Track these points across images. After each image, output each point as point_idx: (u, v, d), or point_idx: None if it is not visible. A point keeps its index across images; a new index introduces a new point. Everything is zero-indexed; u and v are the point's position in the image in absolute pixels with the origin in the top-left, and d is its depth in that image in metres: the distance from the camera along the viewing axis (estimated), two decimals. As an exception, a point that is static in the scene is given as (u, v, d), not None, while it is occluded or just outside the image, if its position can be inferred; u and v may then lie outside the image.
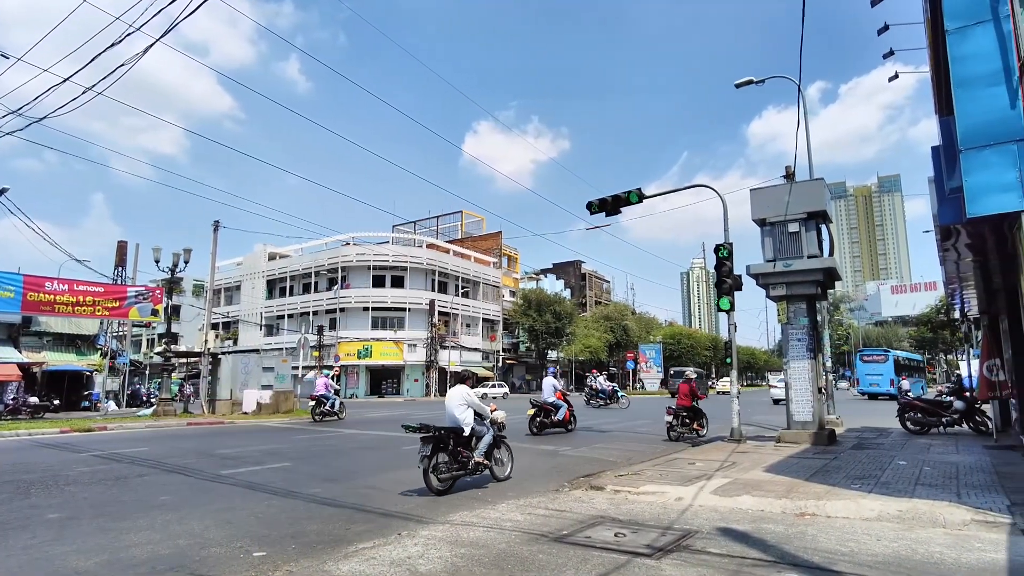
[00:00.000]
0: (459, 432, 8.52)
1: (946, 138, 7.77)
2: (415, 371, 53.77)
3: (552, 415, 17.25)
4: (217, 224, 27.69)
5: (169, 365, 26.15)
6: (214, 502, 7.56)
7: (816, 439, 12.91)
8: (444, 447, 8.32)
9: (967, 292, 15.24)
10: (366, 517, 6.73)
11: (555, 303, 63.35)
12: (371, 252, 55.28)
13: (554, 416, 17.24)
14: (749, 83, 19.30)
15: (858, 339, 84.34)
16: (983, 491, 7.63)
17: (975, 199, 6.20)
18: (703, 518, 6.50)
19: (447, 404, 8.86)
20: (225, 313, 62.15)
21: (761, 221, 13.82)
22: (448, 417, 8.69)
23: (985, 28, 6.27)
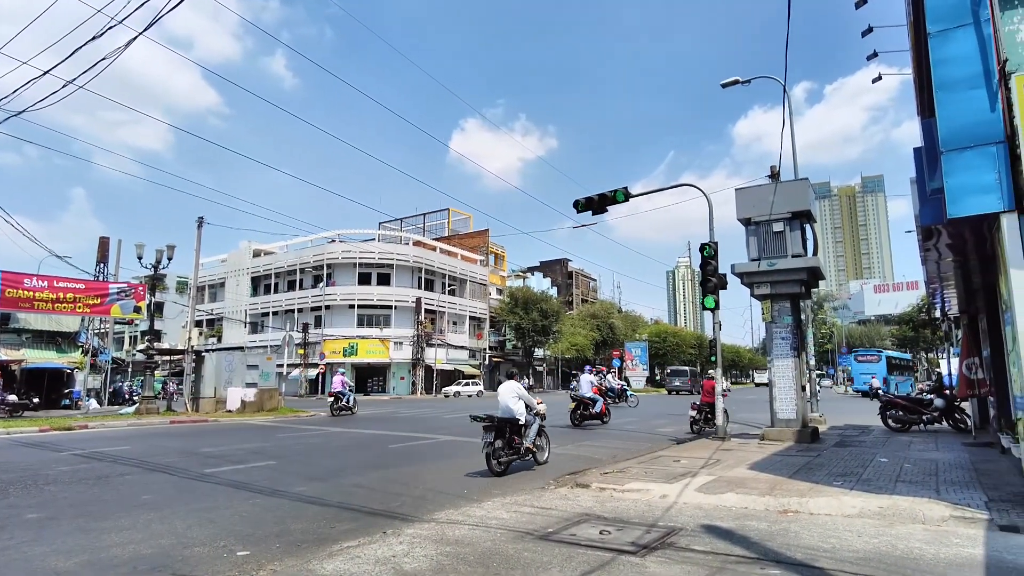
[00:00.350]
0: (514, 422, 9.90)
1: (928, 140, 7.88)
2: (401, 369, 53.61)
3: (590, 408, 18.81)
4: (201, 220, 27.40)
5: (152, 363, 25.87)
6: (197, 501, 7.50)
7: (799, 437, 13.03)
8: (501, 435, 9.62)
9: (948, 292, 15.44)
10: (351, 515, 6.71)
11: (542, 301, 63.39)
12: (357, 249, 55.00)
13: (592, 409, 18.81)
14: (735, 83, 19.42)
15: (841, 338, 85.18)
16: (961, 488, 7.75)
17: (956, 200, 6.30)
18: (688, 515, 6.54)
19: (501, 397, 10.18)
20: (209, 310, 61.60)
21: (746, 220, 13.92)
22: (502, 408, 9.98)
23: (966, 32, 6.36)
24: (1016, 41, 6.14)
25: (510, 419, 9.87)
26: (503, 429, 9.70)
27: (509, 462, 9.71)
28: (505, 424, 9.76)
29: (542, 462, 10.42)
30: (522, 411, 10.05)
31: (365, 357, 52.17)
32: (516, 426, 9.93)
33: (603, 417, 19.20)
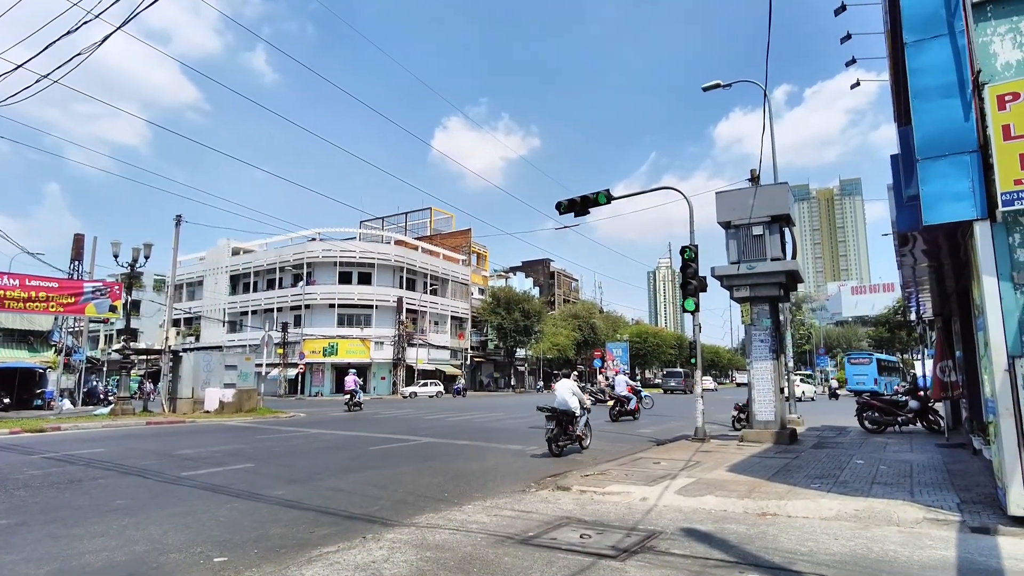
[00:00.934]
0: (570, 413, 12.21)
1: (904, 147, 8.00)
2: (382, 369, 53.31)
3: (625, 405, 21.29)
4: (179, 218, 27.04)
5: (128, 362, 25.45)
6: (173, 505, 7.38)
7: (778, 438, 13.17)
8: (559, 424, 12.05)
9: (922, 295, 15.71)
10: (331, 520, 6.65)
11: (524, 301, 63.40)
12: (337, 248, 54.55)
13: (627, 406, 21.29)
14: (716, 87, 19.58)
15: (819, 339, 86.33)
16: (935, 489, 7.88)
17: (931, 207, 6.40)
18: (667, 518, 6.58)
19: (558, 392, 12.56)
20: (187, 309, 60.75)
21: (726, 224, 14.03)
22: (559, 402, 12.30)
23: (941, 42, 6.46)
24: (989, 52, 6.25)
25: (566, 411, 12.18)
26: (561, 419, 12.08)
27: (564, 446, 12.14)
28: (563, 415, 12.12)
29: (586, 447, 12.72)
30: (576, 405, 12.32)
31: (345, 357, 51.76)
32: (571, 416, 12.25)
33: (635, 414, 21.66)
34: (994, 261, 6.07)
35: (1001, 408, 5.98)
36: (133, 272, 24.79)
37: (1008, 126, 5.92)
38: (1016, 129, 5.89)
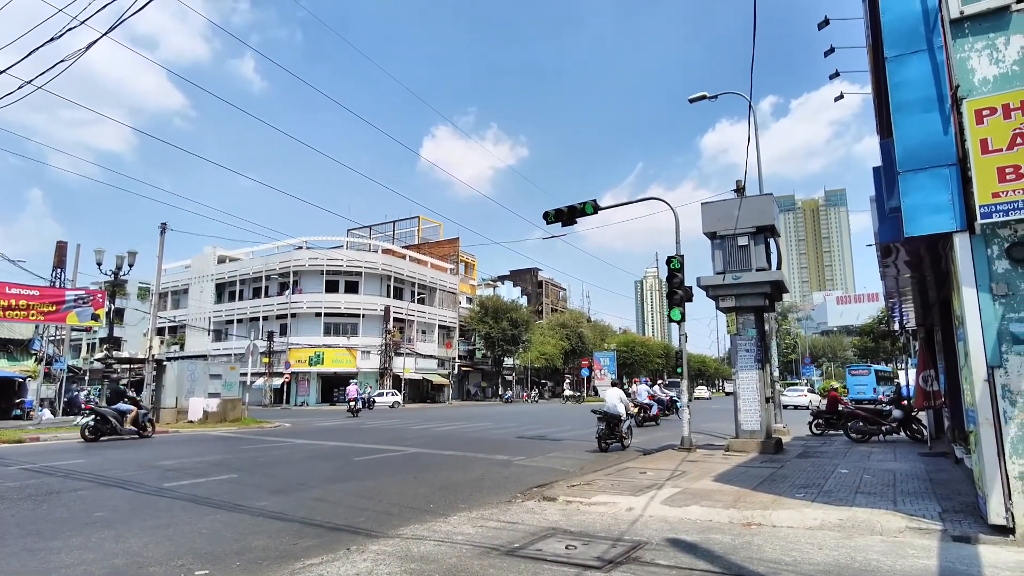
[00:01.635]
0: (617, 416, 14.77)
1: (886, 160, 8.11)
2: (368, 378, 53.00)
3: (648, 412, 23.25)
4: (164, 226, 26.83)
5: (110, 371, 25.16)
6: (154, 517, 7.28)
7: (763, 448, 13.23)
8: (608, 425, 14.68)
9: (905, 305, 15.90)
10: (315, 531, 6.59)
11: (512, 310, 63.41)
12: (324, 256, 54.35)
13: (649, 412, 23.34)
14: (702, 98, 19.76)
15: (805, 348, 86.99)
16: (917, 498, 7.95)
17: (912, 219, 6.49)
18: (653, 529, 6.58)
19: (608, 399, 15.15)
20: (172, 317, 60.16)
21: (712, 234, 14.14)
22: (609, 407, 14.82)
23: (921, 57, 6.58)
24: (967, 68, 6.37)
25: (615, 415, 14.76)
26: (610, 421, 14.70)
27: (609, 444, 14.69)
28: (612, 418, 14.71)
29: (627, 446, 14.99)
30: (622, 410, 14.91)
31: (331, 366, 51.47)
32: (618, 420, 14.78)
33: (656, 419, 24.04)
34: (973, 272, 6.16)
35: (981, 418, 6.05)
36: (117, 280, 24.55)
37: (986, 140, 6.03)
38: (993, 143, 6.00)
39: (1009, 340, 5.97)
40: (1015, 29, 6.22)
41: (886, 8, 6.93)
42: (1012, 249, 6.04)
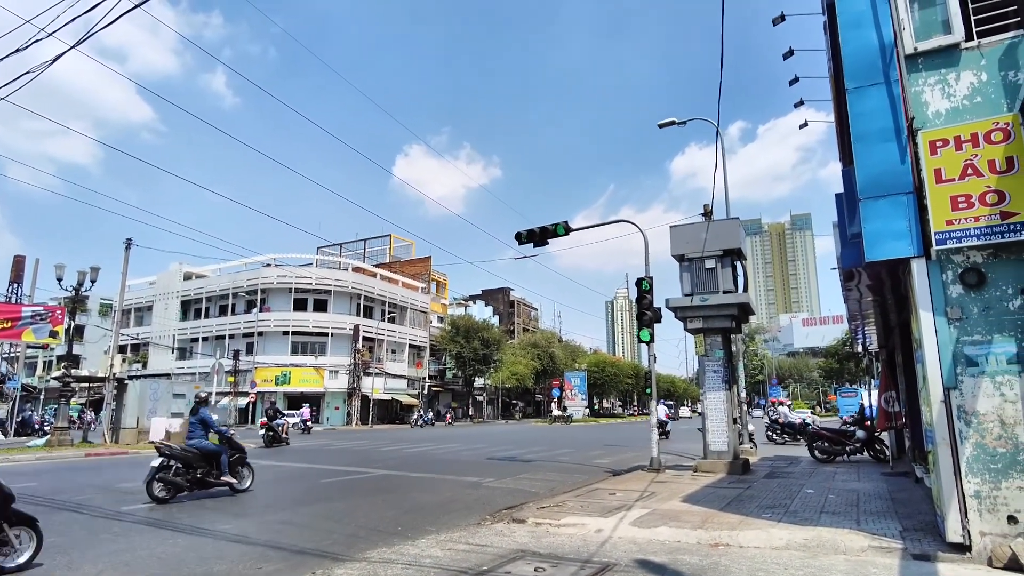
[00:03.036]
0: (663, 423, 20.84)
1: (848, 187, 8.38)
2: (336, 399, 52.24)
3: (664, 428, 25.18)
4: (129, 241, 26.29)
5: (68, 390, 24.34)
6: (111, 542, 7.05)
7: (731, 468, 13.35)
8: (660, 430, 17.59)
9: (868, 328, 16.30)
10: (280, 555, 6.45)
11: (483, 330, 63.23)
12: (293, 274, 53.65)
13: (665, 428, 25.57)
14: (672, 124, 20.18)
15: (772, 370, 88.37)
16: (879, 517, 8.09)
17: (873, 245, 6.69)
18: (622, 550, 6.58)
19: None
20: (135, 335, 58.66)
21: (680, 257, 14.36)
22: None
23: (879, 89, 6.84)
24: (921, 101, 6.64)
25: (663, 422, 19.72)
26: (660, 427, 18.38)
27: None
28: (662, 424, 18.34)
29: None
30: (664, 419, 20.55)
31: (299, 386, 50.59)
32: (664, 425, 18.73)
33: (668, 435, 26.40)
34: (930, 297, 6.37)
35: (938, 438, 6.21)
36: (78, 296, 23.88)
37: (940, 170, 6.28)
38: (947, 173, 6.25)
39: (963, 362, 6.17)
40: (965, 66, 6.52)
41: (846, 41, 7.21)
42: (965, 275, 6.27)
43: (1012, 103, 6.17)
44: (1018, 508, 5.79)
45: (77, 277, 23.32)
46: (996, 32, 6.50)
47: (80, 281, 23.35)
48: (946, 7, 6.64)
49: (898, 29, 6.82)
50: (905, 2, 6.82)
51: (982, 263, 6.23)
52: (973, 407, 6.08)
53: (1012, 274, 6.12)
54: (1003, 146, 6.07)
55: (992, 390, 6.03)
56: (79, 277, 23.35)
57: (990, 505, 5.89)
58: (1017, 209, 5.96)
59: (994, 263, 6.20)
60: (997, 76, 6.38)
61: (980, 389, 6.08)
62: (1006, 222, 6.00)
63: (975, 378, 6.11)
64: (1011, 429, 5.92)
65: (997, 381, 6.03)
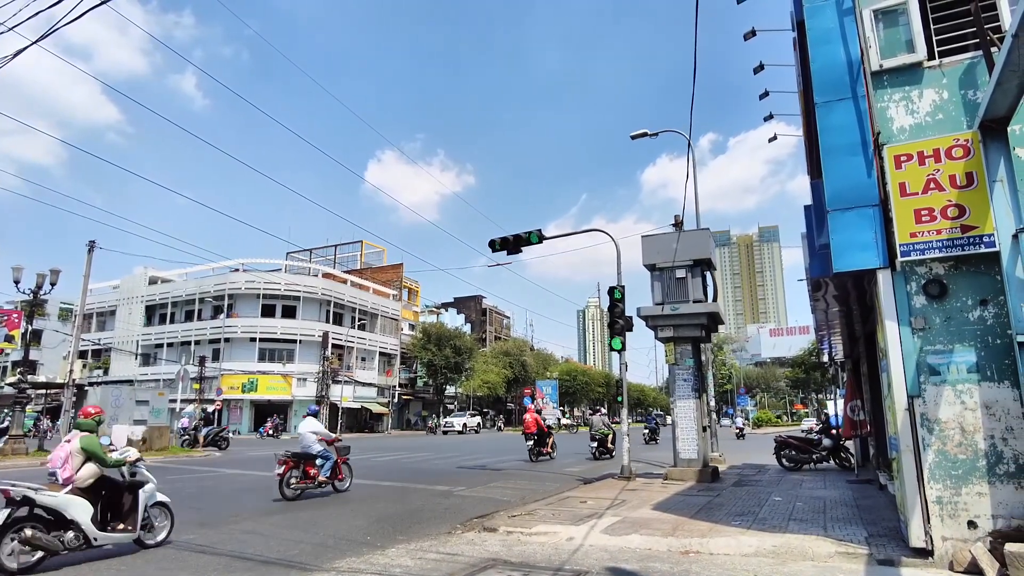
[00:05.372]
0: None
1: (816, 199, 8.55)
2: (304, 407, 51.15)
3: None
4: (92, 244, 25.63)
5: (23, 397, 23.54)
6: (70, 555, 6.80)
7: (701, 476, 13.47)
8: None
9: (834, 338, 16.61)
10: (245, 565, 6.30)
11: (455, 337, 62.94)
12: (261, 280, 52.72)
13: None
14: (644, 135, 20.41)
15: (740, 379, 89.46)
16: (845, 524, 8.23)
17: (840, 256, 6.84)
18: (593, 558, 6.58)
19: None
20: (96, 340, 57.05)
21: (651, 266, 14.50)
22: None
23: (846, 105, 7.03)
24: (887, 116, 6.83)
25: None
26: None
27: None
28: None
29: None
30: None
31: (266, 394, 49.69)
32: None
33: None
34: (895, 307, 6.52)
35: (903, 445, 6.35)
36: (36, 299, 23.16)
37: (904, 184, 6.46)
38: (911, 187, 6.43)
39: (927, 371, 6.33)
40: (927, 84, 6.73)
41: (815, 57, 7.38)
42: (928, 286, 6.44)
43: (972, 121, 6.37)
44: (978, 513, 5.94)
45: (36, 280, 22.64)
46: (956, 52, 6.73)
47: (39, 284, 22.65)
48: (909, 27, 6.85)
49: (865, 47, 7.01)
50: (871, 21, 7.02)
51: (944, 275, 6.41)
52: (935, 415, 6.23)
53: (972, 285, 6.30)
54: (963, 162, 6.27)
55: (953, 398, 6.20)
56: (38, 280, 22.65)
57: (951, 511, 6.03)
58: (976, 223, 6.15)
59: (955, 275, 6.38)
60: (957, 94, 6.59)
61: (942, 397, 6.23)
62: (966, 235, 6.19)
63: (937, 387, 6.27)
64: (971, 436, 6.08)
65: (958, 389, 6.19)
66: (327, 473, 11.85)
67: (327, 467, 11.85)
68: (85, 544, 6.43)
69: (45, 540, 6.11)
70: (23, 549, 6.02)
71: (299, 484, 11.44)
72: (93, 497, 6.67)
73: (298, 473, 11.49)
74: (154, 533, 7.25)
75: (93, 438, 6.84)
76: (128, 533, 6.83)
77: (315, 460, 11.77)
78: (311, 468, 11.67)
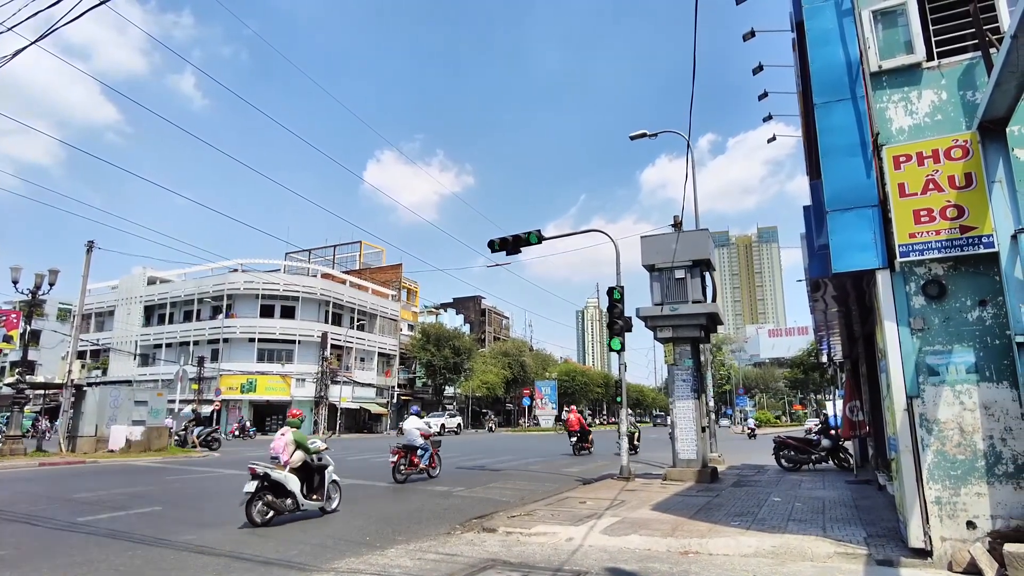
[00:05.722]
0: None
1: (815, 199, 8.57)
2: (303, 407, 51.26)
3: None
4: (91, 244, 25.56)
5: (21, 397, 23.49)
6: (66, 555, 6.80)
7: (700, 476, 13.48)
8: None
9: (833, 338, 16.64)
10: (244, 566, 6.30)
11: (454, 338, 62.94)
12: (260, 280, 52.64)
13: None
14: (643, 136, 20.41)
15: (739, 379, 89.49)
16: (844, 524, 8.24)
17: (839, 256, 6.85)
18: (593, 559, 6.57)
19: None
20: (95, 340, 56.96)
21: (650, 267, 14.51)
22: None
23: (845, 105, 7.03)
24: (886, 117, 6.84)
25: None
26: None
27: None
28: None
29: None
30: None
31: (264, 394, 49.65)
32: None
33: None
34: (894, 308, 6.53)
35: (901, 446, 6.36)
36: (35, 299, 23.13)
37: (903, 184, 6.46)
38: (909, 188, 6.44)
39: (925, 372, 6.34)
40: (926, 84, 6.74)
41: (814, 58, 7.39)
42: (927, 286, 6.44)
43: (970, 121, 6.38)
44: (976, 513, 5.95)
45: (34, 280, 22.61)
46: (955, 53, 6.74)
47: (37, 284, 22.62)
48: (908, 28, 6.86)
49: (864, 47, 7.02)
50: (870, 22, 7.02)
51: (943, 275, 6.42)
52: (934, 415, 6.24)
53: (971, 286, 6.31)
54: (962, 162, 6.27)
55: (952, 399, 6.20)
56: (36, 280, 22.62)
57: (950, 511, 6.03)
58: (975, 223, 6.16)
59: (954, 275, 6.39)
60: (956, 95, 6.60)
61: (941, 398, 6.24)
62: (965, 236, 6.19)
63: (936, 387, 6.28)
64: (970, 437, 6.09)
65: (957, 390, 6.20)
66: (426, 461, 14.77)
67: (426, 457, 14.80)
68: (296, 508, 9.05)
69: (276, 503, 8.77)
70: (263, 510, 8.67)
71: (407, 470, 14.23)
72: (300, 475, 9.26)
73: (405, 461, 14.23)
74: (331, 502, 9.77)
75: (301, 432, 9.54)
76: (317, 502, 9.44)
77: (417, 451, 14.59)
78: (415, 457, 14.48)
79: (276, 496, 8.80)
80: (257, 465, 8.92)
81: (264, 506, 8.66)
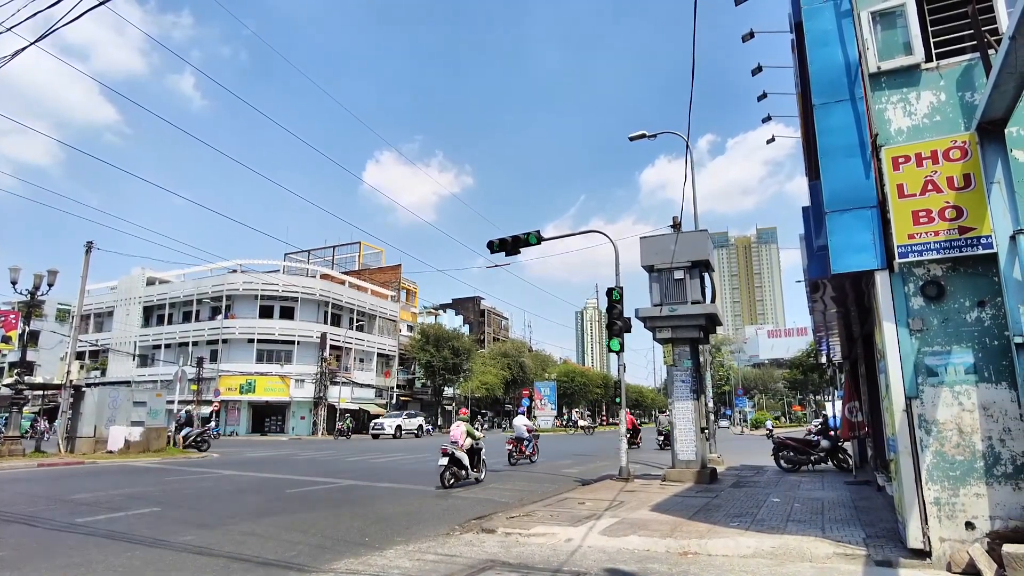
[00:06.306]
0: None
1: (814, 200, 8.58)
2: (302, 408, 51.32)
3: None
4: (90, 244, 25.54)
5: (20, 398, 23.47)
6: (64, 555, 6.79)
7: (699, 477, 13.47)
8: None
9: (832, 339, 16.65)
10: (243, 567, 6.29)
11: (453, 339, 62.91)
12: (259, 281, 52.63)
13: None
14: (642, 137, 20.42)
15: (738, 380, 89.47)
16: (843, 525, 8.24)
17: (838, 257, 6.86)
18: (592, 559, 6.57)
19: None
20: (94, 341, 56.93)
21: (649, 267, 14.51)
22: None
23: (844, 106, 7.04)
24: (885, 118, 6.85)
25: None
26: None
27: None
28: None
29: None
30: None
31: (263, 395, 49.63)
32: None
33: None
34: (893, 308, 6.53)
35: (900, 446, 6.36)
36: (33, 300, 23.11)
37: (902, 185, 6.47)
38: (908, 188, 6.44)
39: (924, 372, 6.34)
40: (925, 86, 6.75)
41: (813, 59, 7.40)
42: (926, 287, 6.45)
43: (969, 122, 6.39)
44: (975, 514, 5.95)
45: (33, 280, 22.59)
46: (954, 55, 6.75)
47: (36, 285, 22.60)
48: (907, 29, 6.87)
49: (863, 48, 7.03)
50: (869, 23, 7.03)
51: (942, 276, 6.43)
52: (933, 416, 6.24)
53: (970, 287, 6.31)
54: (961, 163, 6.28)
55: (951, 399, 6.21)
56: (35, 280, 22.60)
57: (949, 512, 6.04)
58: (974, 224, 6.17)
59: (953, 276, 6.39)
60: (955, 96, 6.61)
61: (940, 398, 6.24)
62: (963, 236, 6.20)
63: (935, 388, 6.28)
64: (969, 437, 6.09)
65: (956, 391, 6.20)
66: (531, 450, 19.53)
67: (530, 447, 19.47)
68: (466, 477, 13.53)
69: (458, 472, 13.28)
70: (449, 477, 13.05)
71: (518, 457, 18.93)
72: (468, 454, 13.52)
73: (516, 451, 18.90)
74: (480, 473, 14.15)
75: (469, 425, 13.82)
76: (476, 473, 13.93)
77: (524, 442, 19.26)
78: (523, 447, 19.21)
79: (458, 468, 13.16)
80: (447, 447, 13.15)
81: (450, 475, 12.96)
